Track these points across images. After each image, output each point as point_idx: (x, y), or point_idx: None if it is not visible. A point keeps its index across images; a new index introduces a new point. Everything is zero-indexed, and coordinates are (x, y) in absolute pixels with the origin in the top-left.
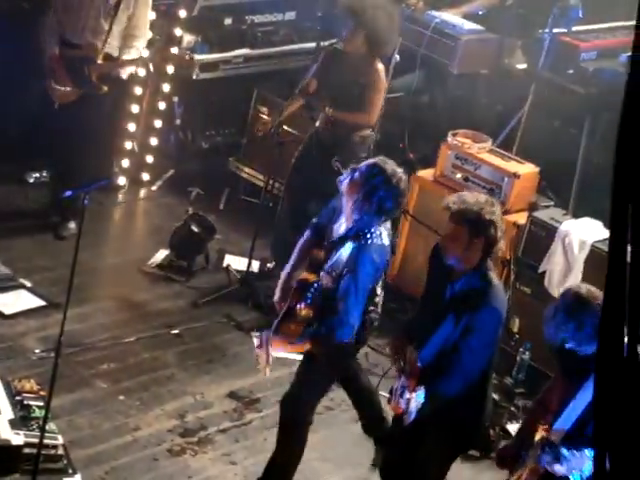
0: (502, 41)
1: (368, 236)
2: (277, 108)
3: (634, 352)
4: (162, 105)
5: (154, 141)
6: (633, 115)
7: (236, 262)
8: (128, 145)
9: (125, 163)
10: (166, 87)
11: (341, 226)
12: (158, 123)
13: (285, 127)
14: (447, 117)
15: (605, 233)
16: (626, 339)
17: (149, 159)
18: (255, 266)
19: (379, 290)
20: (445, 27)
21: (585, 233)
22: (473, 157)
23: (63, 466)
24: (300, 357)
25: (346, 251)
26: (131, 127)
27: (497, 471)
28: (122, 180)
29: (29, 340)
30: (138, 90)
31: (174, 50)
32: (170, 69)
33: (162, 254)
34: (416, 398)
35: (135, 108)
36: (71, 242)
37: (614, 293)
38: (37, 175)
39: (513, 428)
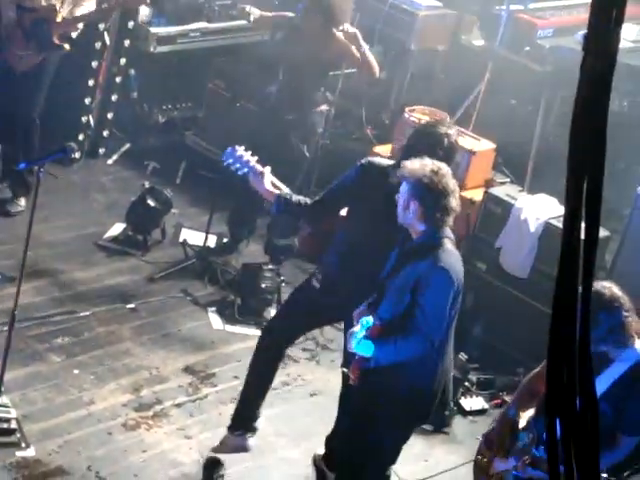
0: (460, 17)
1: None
2: (234, 82)
3: (586, 328)
4: (118, 78)
5: (110, 115)
6: (589, 93)
7: (193, 237)
8: (84, 118)
9: (81, 136)
10: (122, 60)
11: None
12: (114, 97)
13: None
14: (404, 93)
15: (560, 210)
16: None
17: (105, 133)
18: (212, 241)
19: None
20: (403, 3)
21: (540, 210)
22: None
23: (16, 440)
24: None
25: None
26: (87, 100)
27: (450, 445)
28: (78, 153)
29: None
30: (94, 63)
31: (130, 23)
32: (126, 42)
33: (118, 228)
34: (363, 323)
35: (91, 82)
36: (25, 216)
37: (567, 270)
38: None
39: (467, 403)
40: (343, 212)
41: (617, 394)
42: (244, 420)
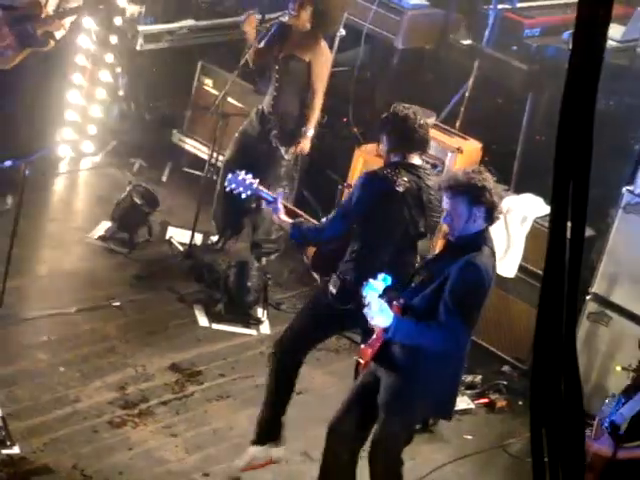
0: (447, 16)
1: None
2: (222, 80)
3: (572, 327)
4: (105, 76)
5: (97, 112)
6: (575, 92)
7: (179, 234)
8: (70, 115)
9: (67, 134)
10: (109, 57)
11: None
12: (101, 94)
13: (230, 100)
14: (391, 92)
15: (546, 209)
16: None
17: (92, 130)
18: (198, 239)
19: None
20: (390, 1)
21: (526, 209)
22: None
23: (2, 437)
24: None
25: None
26: (74, 97)
27: (435, 444)
28: (64, 151)
29: None
30: (81, 60)
31: (118, 21)
32: (113, 39)
33: (104, 226)
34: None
35: (78, 78)
36: (11, 213)
37: (554, 269)
38: None
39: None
40: None
41: None
42: (270, 433)
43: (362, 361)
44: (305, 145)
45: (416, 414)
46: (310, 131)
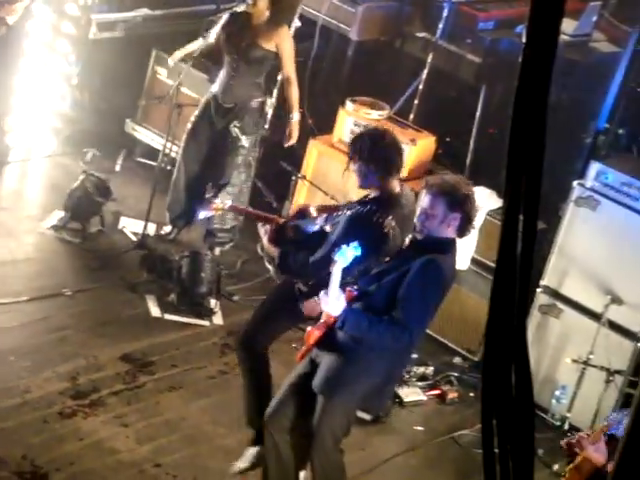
0: (402, 8)
1: None
2: (176, 70)
3: (523, 319)
4: (59, 64)
5: (50, 100)
6: (528, 86)
7: (132, 224)
8: (23, 104)
9: (20, 122)
10: (63, 46)
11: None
12: (54, 82)
13: (184, 90)
14: (346, 84)
15: (499, 202)
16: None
17: (44, 119)
18: (151, 229)
19: None
20: None
21: (479, 202)
22: (371, 124)
23: None
24: None
25: None
26: (26, 85)
27: (387, 435)
28: (15, 139)
29: None
30: (34, 47)
31: (71, 8)
32: (67, 27)
33: (57, 215)
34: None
35: (30, 65)
36: None
37: (506, 262)
38: None
39: (404, 393)
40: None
41: None
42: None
43: (305, 346)
44: (294, 131)
45: (353, 400)
46: (296, 116)
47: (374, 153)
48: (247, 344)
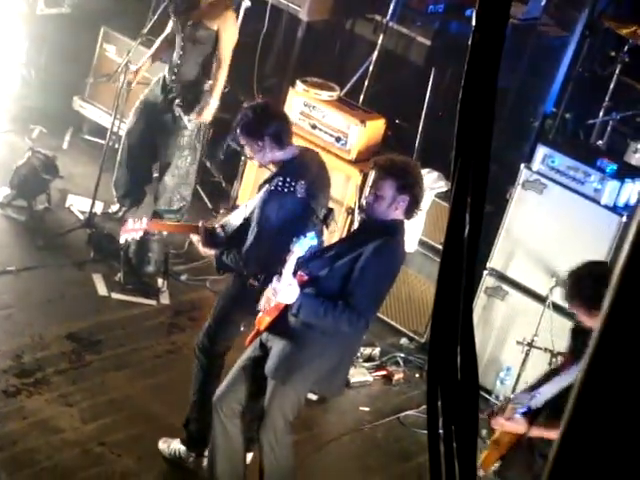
0: None
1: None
2: (125, 47)
3: (469, 301)
4: (5, 40)
5: None
6: (477, 69)
7: (79, 203)
8: None
9: None
10: (10, 22)
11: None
12: (1, 59)
13: (133, 68)
14: (296, 64)
15: (447, 185)
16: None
17: None
18: (99, 207)
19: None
20: None
21: (428, 184)
22: (321, 105)
23: None
24: None
25: None
26: None
27: (332, 415)
28: None
29: None
30: None
31: None
32: (13, 2)
33: (2, 192)
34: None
35: None
36: None
37: (453, 244)
38: None
39: (350, 373)
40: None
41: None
42: (200, 440)
43: (254, 330)
44: (207, 115)
45: (306, 384)
46: (214, 101)
47: (257, 126)
48: (209, 349)
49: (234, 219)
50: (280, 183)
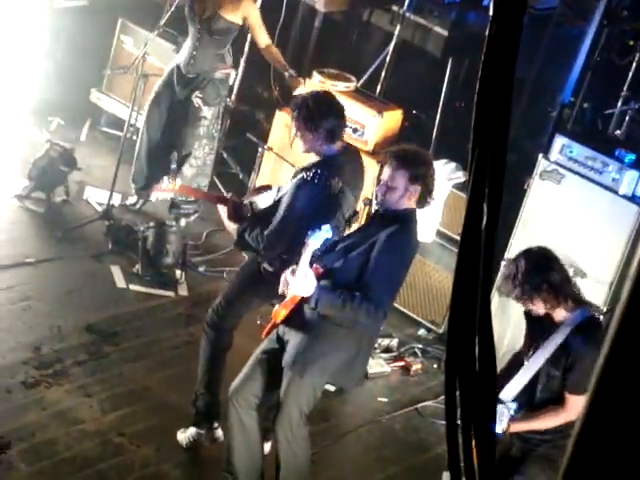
0: None
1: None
2: (142, 39)
3: (487, 292)
4: (24, 33)
5: (14, 70)
6: (494, 60)
7: (97, 195)
8: None
9: None
10: (28, 15)
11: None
12: (19, 51)
13: (150, 59)
14: (313, 55)
15: (464, 176)
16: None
17: (9, 88)
18: (116, 199)
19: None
20: None
21: (445, 175)
22: (338, 96)
23: None
24: None
25: None
26: None
27: (350, 407)
28: None
29: None
30: None
31: None
32: None
33: (21, 184)
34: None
35: None
36: None
37: (471, 235)
38: None
39: (368, 364)
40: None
41: (562, 356)
42: (210, 416)
43: (271, 322)
44: (297, 84)
45: (323, 377)
46: (292, 71)
47: (315, 117)
48: (217, 324)
49: (264, 199)
50: (318, 175)
